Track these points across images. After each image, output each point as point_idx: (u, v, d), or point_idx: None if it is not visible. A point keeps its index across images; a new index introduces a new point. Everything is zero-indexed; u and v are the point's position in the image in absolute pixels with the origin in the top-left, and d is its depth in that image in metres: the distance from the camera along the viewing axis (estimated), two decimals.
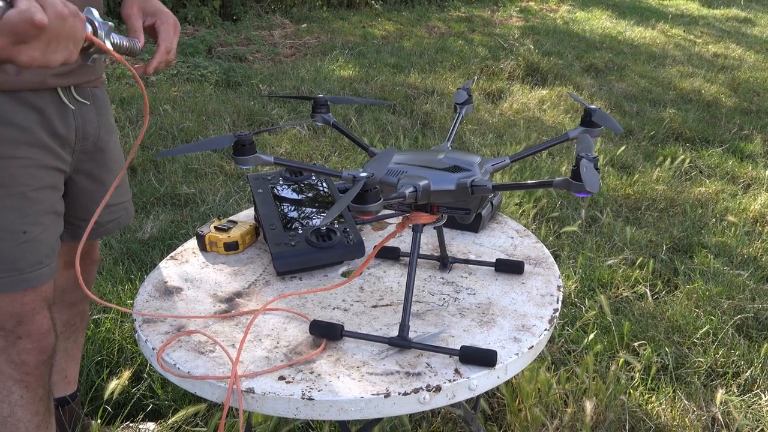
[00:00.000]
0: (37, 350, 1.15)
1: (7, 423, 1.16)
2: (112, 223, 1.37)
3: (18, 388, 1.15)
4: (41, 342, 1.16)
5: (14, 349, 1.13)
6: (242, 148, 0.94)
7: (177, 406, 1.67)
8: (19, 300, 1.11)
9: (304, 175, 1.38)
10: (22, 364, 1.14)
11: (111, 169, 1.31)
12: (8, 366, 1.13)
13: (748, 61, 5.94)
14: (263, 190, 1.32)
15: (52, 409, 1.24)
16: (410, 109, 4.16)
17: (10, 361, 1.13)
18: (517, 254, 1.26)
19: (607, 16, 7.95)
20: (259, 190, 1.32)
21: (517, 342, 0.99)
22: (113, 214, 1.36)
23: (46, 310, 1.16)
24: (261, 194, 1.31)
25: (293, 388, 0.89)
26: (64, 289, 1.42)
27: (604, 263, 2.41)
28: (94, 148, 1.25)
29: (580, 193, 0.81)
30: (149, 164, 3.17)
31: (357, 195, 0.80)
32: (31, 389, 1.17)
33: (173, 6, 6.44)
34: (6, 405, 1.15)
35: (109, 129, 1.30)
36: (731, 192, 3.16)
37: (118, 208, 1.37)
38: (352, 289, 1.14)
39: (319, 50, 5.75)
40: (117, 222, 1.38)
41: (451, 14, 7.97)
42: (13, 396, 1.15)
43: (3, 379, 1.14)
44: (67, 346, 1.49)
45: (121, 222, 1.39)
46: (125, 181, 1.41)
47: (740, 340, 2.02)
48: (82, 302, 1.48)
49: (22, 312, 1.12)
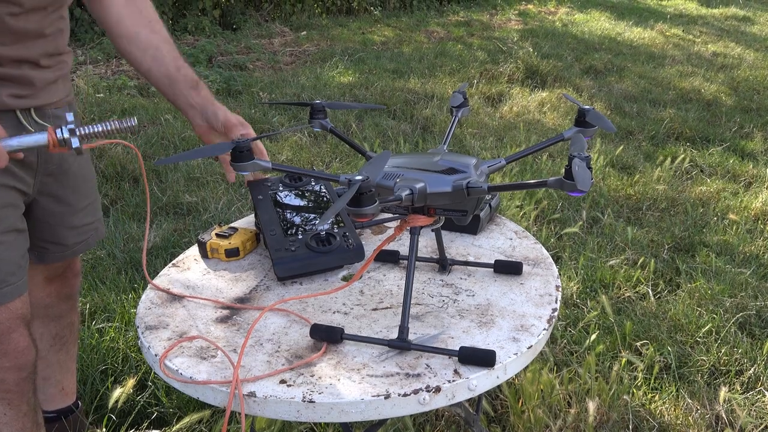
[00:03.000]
0: (16, 368, 1.15)
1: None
2: (80, 244, 1.36)
3: (1, 406, 1.15)
4: (19, 359, 1.15)
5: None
6: (240, 155, 0.95)
7: (181, 413, 1.68)
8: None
9: (304, 180, 1.39)
10: (2, 381, 1.14)
11: (78, 189, 1.30)
12: None
13: (747, 59, 5.94)
14: (263, 197, 1.33)
15: (41, 423, 1.24)
16: (410, 114, 4.18)
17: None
18: (515, 255, 1.27)
19: (605, 18, 7.96)
20: (259, 197, 1.33)
21: (516, 342, 0.99)
22: (82, 236, 1.35)
23: (23, 328, 1.15)
24: (261, 200, 1.32)
25: (294, 391, 0.90)
26: (47, 305, 1.41)
27: (606, 264, 2.41)
28: (59, 170, 1.24)
29: (573, 192, 0.82)
30: (151, 174, 3.19)
31: (352, 198, 0.81)
32: (14, 406, 1.16)
33: (173, 16, 6.48)
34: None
35: None
36: (732, 190, 3.16)
37: (87, 229, 1.36)
38: (353, 293, 1.15)
39: (318, 57, 5.78)
40: (85, 243, 1.37)
41: (449, 19, 8.00)
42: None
43: None
44: (60, 359, 1.49)
45: (89, 243, 1.38)
46: (96, 200, 1.39)
47: (743, 338, 2.02)
48: (69, 314, 1.47)
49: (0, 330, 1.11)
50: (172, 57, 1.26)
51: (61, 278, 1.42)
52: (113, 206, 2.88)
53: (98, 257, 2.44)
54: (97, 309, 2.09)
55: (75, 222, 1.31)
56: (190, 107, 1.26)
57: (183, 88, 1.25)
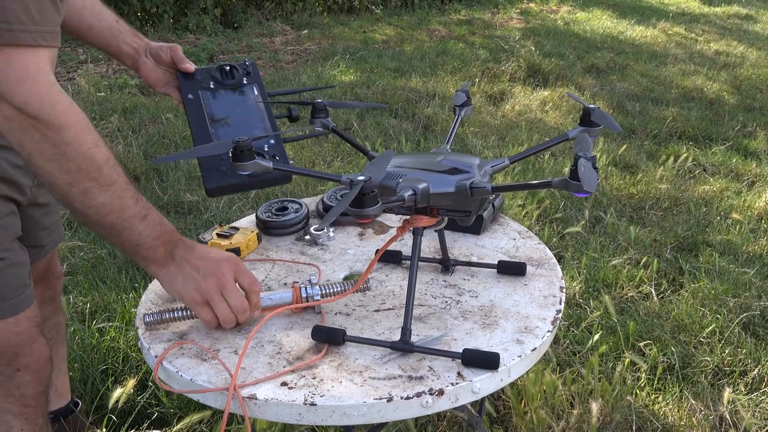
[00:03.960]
0: (37, 381, 1.13)
1: None
2: (49, 244, 1.36)
3: (18, 422, 1.12)
4: (40, 373, 1.13)
5: (12, 383, 1.10)
6: (241, 154, 0.94)
7: (182, 413, 1.67)
8: (12, 330, 1.09)
9: (236, 78, 1.31)
10: (22, 397, 1.11)
11: None
12: (6, 401, 1.10)
13: (750, 58, 5.93)
14: (193, 96, 1.26)
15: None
16: (412, 112, 4.17)
17: (9, 395, 1.10)
18: (519, 256, 1.26)
19: (607, 16, 7.94)
20: (189, 95, 1.26)
21: (519, 344, 0.98)
22: (51, 235, 1.35)
23: (41, 336, 1.13)
24: (192, 102, 1.25)
25: (295, 393, 0.89)
26: None
27: (609, 263, 2.40)
28: None
29: (578, 192, 0.81)
30: (152, 173, 3.18)
31: (355, 199, 0.80)
32: (31, 421, 1.14)
33: (174, 15, 6.47)
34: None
35: None
36: (735, 189, 3.15)
37: (54, 228, 1.36)
38: (354, 294, 1.14)
39: (320, 56, 5.76)
40: (53, 242, 1.37)
41: (451, 17, 7.98)
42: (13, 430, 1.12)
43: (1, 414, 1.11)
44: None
45: (56, 241, 1.38)
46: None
47: (747, 338, 2.01)
48: (55, 315, 1.47)
49: (18, 342, 1.09)
50: (106, 11, 1.25)
51: (44, 281, 1.41)
52: None
53: (99, 256, 2.43)
54: (98, 308, 2.08)
55: (47, 222, 1.32)
56: (135, 51, 1.25)
57: (126, 37, 1.24)
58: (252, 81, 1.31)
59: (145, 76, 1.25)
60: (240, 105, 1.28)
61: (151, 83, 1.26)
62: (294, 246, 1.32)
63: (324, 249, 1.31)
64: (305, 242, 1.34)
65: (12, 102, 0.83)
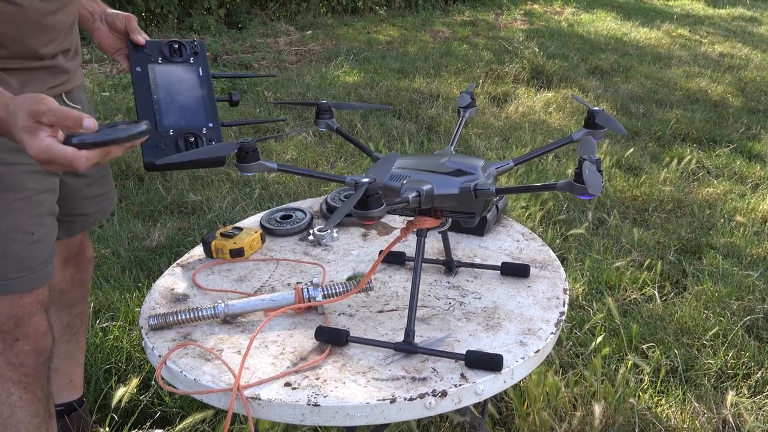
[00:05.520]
0: (35, 352, 1.18)
1: (7, 424, 1.18)
2: (98, 213, 1.42)
3: (17, 389, 1.17)
4: (38, 343, 1.18)
5: (12, 351, 1.16)
6: (245, 155, 0.94)
7: (185, 413, 1.67)
8: (17, 302, 1.14)
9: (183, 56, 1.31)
10: (20, 365, 1.17)
11: None
12: (7, 368, 1.16)
13: (754, 60, 5.91)
14: (141, 69, 1.27)
15: (52, 412, 1.26)
16: (415, 113, 4.17)
17: (9, 363, 1.16)
18: (522, 257, 1.26)
19: (611, 18, 7.93)
20: (137, 68, 1.26)
21: (523, 346, 0.98)
22: (98, 204, 1.41)
23: (42, 312, 1.19)
24: (139, 75, 1.26)
25: (299, 394, 0.89)
26: (62, 290, 1.44)
27: (612, 265, 2.40)
28: None
29: (583, 195, 0.81)
30: (156, 173, 3.18)
31: (359, 200, 0.80)
32: (30, 390, 1.19)
33: (179, 15, 6.48)
34: (6, 407, 1.17)
35: None
36: (739, 192, 3.14)
37: (102, 198, 1.42)
38: (358, 295, 1.14)
39: (323, 56, 5.77)
40: (102, 211, 1.43)
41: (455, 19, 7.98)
42: (12, 397, 1.17)
43: (2, 381, 1.16)
44: (70, 349, 1.51)
45: (105, 211, 1.44)
46: (108, 171, 1.45)
47: (750, 341, 2.00)
48: (81, 303, 1.51)
49: (20, 314, 1.15)
50: None
51: (76, 262, 1.46)
52: (118, 205, 2.88)
53: (103, 256, 2.44)
54: (102, 308, 2.09)
55: (91, 193, 1.38)
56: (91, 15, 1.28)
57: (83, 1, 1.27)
58: (198, 61, 1.31)
59: (98, 41, 1.29)
60: (185, 83, 1.29)
61: (103, 48, 1.30)
62: (298, 246, 1.32)
63: (328, 249, 1.31)
64: (309, 243, 1.34)
65: None
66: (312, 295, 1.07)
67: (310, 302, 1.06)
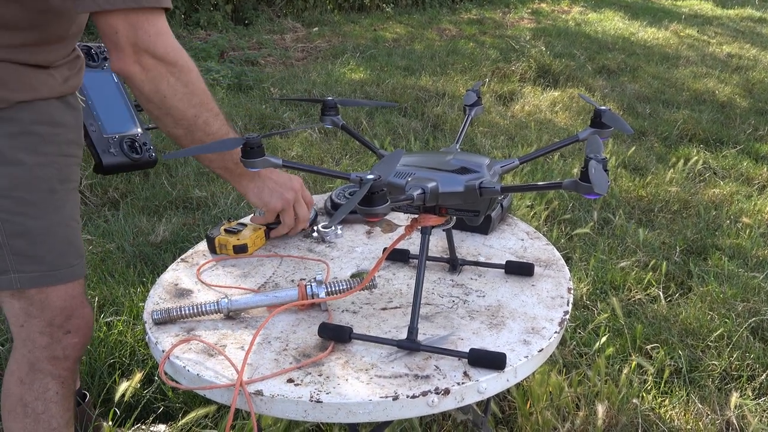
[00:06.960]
0: (82, 345, 1.19)
1: (40, 419, 1.18)
2: None
3: (55, 384, 1.18)
4: (86, 336, 1.20)
5: (59, 345, 1.16)
6: (250, 151, 0.94)
7: (187, 408, 1.67)
8: (70, 292, 1.15)
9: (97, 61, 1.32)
10: (65, 359, 1.17)
11: None
12: (48, 362, 1.16)
13: (762, 61, 5.88)
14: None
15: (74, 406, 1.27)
16: (421, 111, 4.16)
17: (53, 358, 1.16)
18: (527, 256, 1.25)
19: (619, 17, 7.90)
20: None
21: (526, 345, 0.98)
22: None
23: (88, 303, 1.21)
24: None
25: (302, 390, 0.89)
26: None
27: (617, 265, 2.39)
28: None
29: (588, 194, 0.80)
30: (162, 168, 3.19)
31: (364, 197, 0.80)
32: (66, 385, 1.19)
33: (186, 11, 6.49)
34: (41, 402, 1.17)
35: None
36: (746, 193, 3.13)
37: None
38: (361, 292, 1.14)
39: (330, 53, 5.76)
40: None
41: (462, 17, 7.97)
42: (48, 393, 1.18)
43: (41, 376, 1.16)
44: None
45: None
46: None
47: (755, 343, 1.99)
48: None
49: (72, 305, 1.16)
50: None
51: None
52: (123, 200, 2.89)
53: (107, 250, 2.45)
54: (106, 302, 2.09)
55: None
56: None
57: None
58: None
59: None
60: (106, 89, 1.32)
61: None
62: (302, 243, 1.32)
63: (332, 246, 1.31)
64: (313, 239, 1.34)
65: (154, 53, 1.02)
66: (315, 292, 1.07)
67: (314, 299, 1.06)
